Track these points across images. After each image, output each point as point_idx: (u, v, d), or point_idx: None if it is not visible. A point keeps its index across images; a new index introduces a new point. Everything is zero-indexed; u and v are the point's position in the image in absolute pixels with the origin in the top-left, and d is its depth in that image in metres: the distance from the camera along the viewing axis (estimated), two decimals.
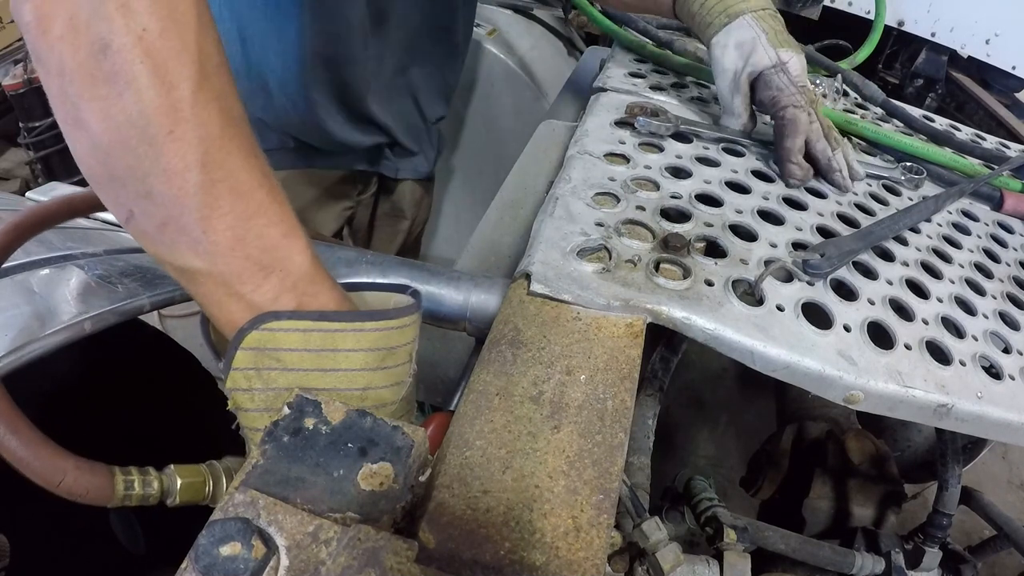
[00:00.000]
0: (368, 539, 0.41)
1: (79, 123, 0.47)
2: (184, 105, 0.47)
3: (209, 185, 0.48)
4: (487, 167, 2.19)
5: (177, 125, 0.47)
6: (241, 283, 0.51)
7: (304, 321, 0.51)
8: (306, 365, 0.52)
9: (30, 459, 0.49)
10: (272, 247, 0.52)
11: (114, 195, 0.50)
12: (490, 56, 2.00)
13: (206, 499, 0.56)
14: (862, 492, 1.00)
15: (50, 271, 0.70)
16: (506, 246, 0.91)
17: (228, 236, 0.49)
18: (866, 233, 0.85)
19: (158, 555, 1.03)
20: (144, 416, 0.97)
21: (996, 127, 1.62)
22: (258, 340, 0.50)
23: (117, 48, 0.45)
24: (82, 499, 0.51)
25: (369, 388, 0.54)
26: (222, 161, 0.49)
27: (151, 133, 0.46)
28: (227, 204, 0.49)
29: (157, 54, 0.46)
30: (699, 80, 1.25)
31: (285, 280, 0.52)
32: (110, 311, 0.66)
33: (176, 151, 0.47)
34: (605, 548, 0.48)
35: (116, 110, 0.46)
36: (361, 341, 0.53)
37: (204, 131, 0.48)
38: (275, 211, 0.52)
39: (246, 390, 0.52)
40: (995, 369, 0.75)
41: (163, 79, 0.46)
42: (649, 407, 0.82)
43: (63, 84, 0.46)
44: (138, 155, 0.46)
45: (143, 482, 0.53)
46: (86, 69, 0.45)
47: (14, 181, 3.05)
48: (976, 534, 1.57)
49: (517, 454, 0.53)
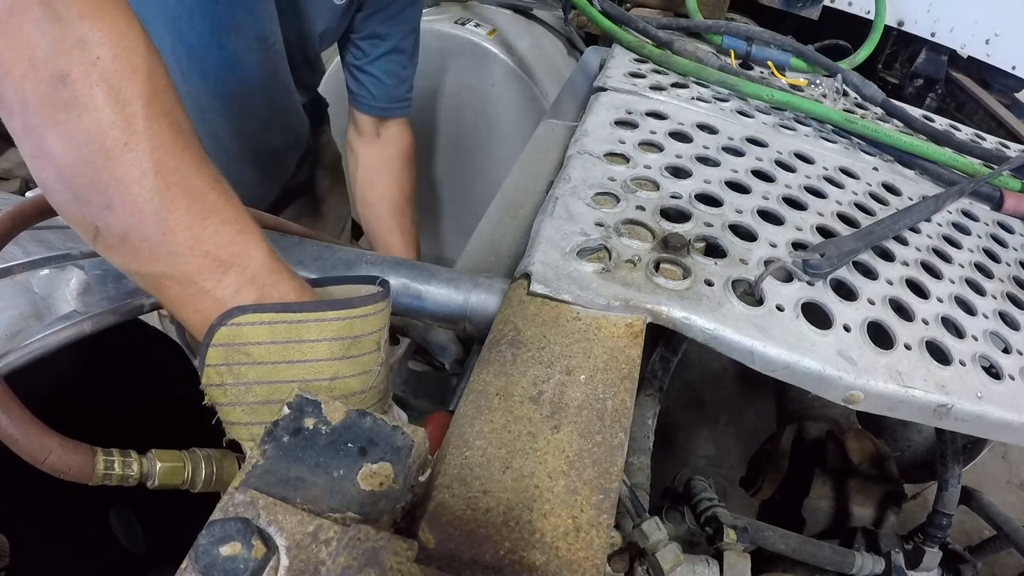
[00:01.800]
0: (368, 539, 0.41)
1: (43, 152, 0.50)
2: (137, 119, 0.50)
3: (164, 189, 0.51)
4: (487, 167, 2.19)
5: (131, 136, 0.50)
6: (203, 279, 0.53)
7: (268, 313, 0.53)
8: (274, 358, 0.54)
9: (17, 436, 0.51)
10: (228, 243, 0.54)
11: (80, 215, 0.53)
12: (490, 56, 2.00)
13: (185, 483, 0.58)
14: (862, 492, 1.00)
15: (50, 271, 0.70)
16: (506, 246, 0.91)
17: (186, 236, 0.52)
18: (866, 233, 0.85)
19: (158, 555, 1.03)
20: (143, 416, 0.97)
21: (996, 127, 1.62)
22: (227, 336, 0.53)
23: (74, 77, 0.49)
24: (65, 476, 0.53)
25: (336, 378, 0.56)
26: (175, 167, 0.52)
27: (108, 147, 0.50)
28: (183, 206, 0.52)
29: (111, 77, 0.50)
30: (699, 80, 1.25)
31: (243, 273, 0.54)
32: (110, 311, 0.66)
33: (132, 160, 0.50)
34: (605, 548, 0.48)
35: (76, 131, 0.49)
36: (324, 331, 0.55)
37: (156, 140, 0.51)
38: (228, 211, 0.55)
39: (219, 385, 0.54)
40: (995, 369, 0.75)
41: (116, 98, 0.50)
42: (649, 407, 0.82)
43: (27, 119, 0.50)
44: (97, 169, 0.50)
45: (123, 463, 0.55)
46: (47, 100, 0.49)
47: (14, 181, 3.05)
48: (976, 534, 1.57)
49: (517, 454, 0.53)
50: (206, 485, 0.58)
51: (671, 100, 1.15)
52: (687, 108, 1.13)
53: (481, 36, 2.00)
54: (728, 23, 1.47)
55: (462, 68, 2.07)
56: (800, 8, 1.84)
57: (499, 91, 2.05)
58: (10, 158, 3.19)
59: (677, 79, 1.25)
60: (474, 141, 2.18)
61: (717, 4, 1.81)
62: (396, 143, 1.47)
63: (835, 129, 1.17)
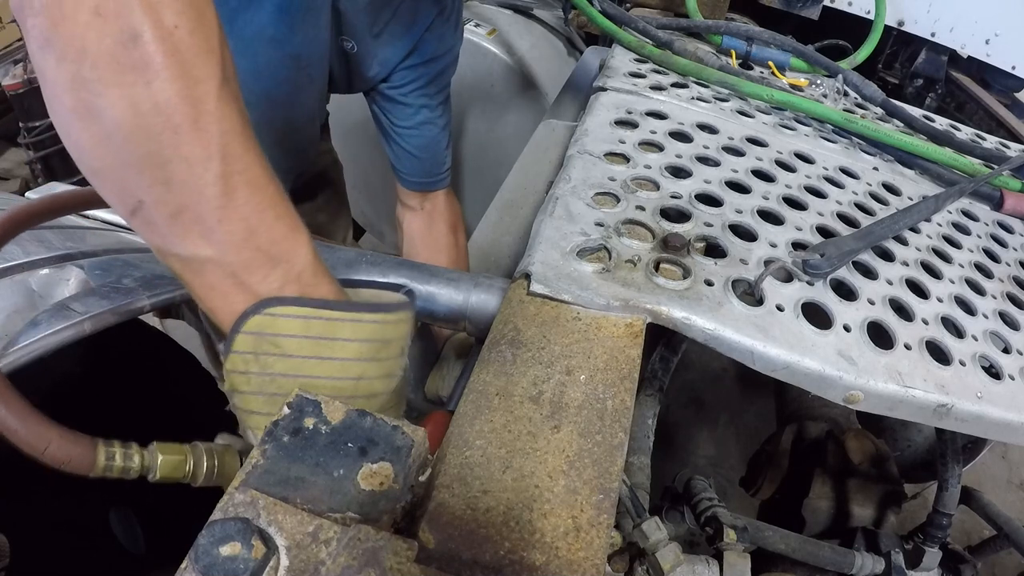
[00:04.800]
0: (368, 539, 0.41)
1: (91, 111, 0.47)
2: (209, 99, 0.48)
3: (228, 176, 0.50)
4: (487, 167, 2.19)
5: (202, 116, 0.48)
6: (249, 273, 0.52)
7: (307, 308, 0.53)
8: (304, 352, 0.53)
9: (17, 427, 0.51)
10: (280, 239, 0.53)
11: (121, 184, 0.50)
12: (490, 56, 2.00)
13: (186, 477, 0.57)
14: (862, 492, 1.00)
15: (50, 271, 0.71)
16: (506, 246, 0.91)
17: (242, 227, 0.51)
18: (866, 233, 0.84)
19: (158, 555, 1.03)
20: (143, 416, 0.97)
21: (996, 127, 1.62)
22: (259, 325, 0.52)
23: (148, 39, 0.46)
24: (65, 467, 0.52)
25: (362, 378, 0.56)
26: (241, 155, 0.50)
27: (176, 121, 0.47)
28: (243, 196, 0.51)
29: (187, 50, 0.47)
30: (699, 80, 1.25)
31: (290, 272, 0.54)
32: (110, 311, 0.66)
33: (199, 140, 0.48)
34: (605, 548, 0.48)
35: (142, 97, 0.46)
36: (358, 331, 0.55)
37: (226, 125, 0.49)
38: (283, 206, 0.54)
39: (243, 372, 0.54)
40: (995, 369, 0.75)
41: (190, 73, 0.47)
42: (649, 407, 0.82)
43: (79, 70, 0.46)
44: (161, 142, 0.47)
45: (124, 455, 0.54)
46: (113, 56, 0.45)
47: (14, 181, 3.05)
48: (976, 534, 1.57)
49: (517, 454, 0.53)
50: (207, 479, 0.58)
51: (671, 100, 1.15)
52: (687, 108, 1.13)
53: (481, 36, 2.00)
54: (728, 23, 1.47)
55: (462, 68, 2.08)
56: (800, 8, 1.84)
57: (499, 91, 2.05)
58: (10, 158, 3.19)
59: (677, 79, 1.25)
60: (474, 141, 2.18)
61: (717, 4, 1.81)
62: (442, 215, 1.47)
63: (835, 129, 1.17)
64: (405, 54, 1.22)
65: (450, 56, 1.29)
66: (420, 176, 1.39)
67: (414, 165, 1.37)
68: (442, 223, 1.47)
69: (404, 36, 1.19)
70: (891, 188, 1.05)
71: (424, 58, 1.24)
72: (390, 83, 1.27)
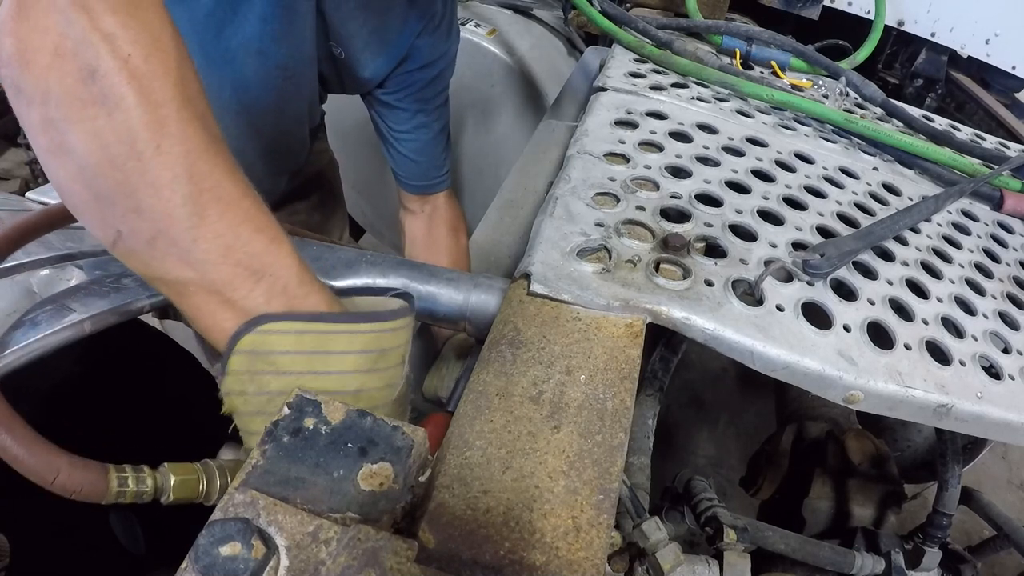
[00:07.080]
0: (368, 539, 0.41)
1: (63, 148, 0.48)
2: (170, 122, 0.49)
3: (197, 195, 0.49)
4: (487, 167, 2.19)
5: (164, 139, 0.48)
6: (232, 290, 0.52)
7: (298, 322, 0.52)
8: (299, 368, 0.52)
9: (24, 456, 0.50)
10: (260, 253, 0.52)
11: (100, 217, 0.51)
12: (490, 56, 2.00)
13: (200, 497, 0.56)
14: (862, 492, 1.00)
15: (50, 271, 0.70)
16: (506, 246, 0.91)
17: (218, 244, 0.51)
18: (866, 233, 0.85)
19: (158, 555, 1.03)
20: (144, 416, 0.97)
21: (996, 127, 1.62)
22: (252, 343, 0.51)
23: (104, 72, 0.47)
24: (76, 496, 0.51)
25: (362, 390, 0.55)
26: (208, 172, 0.50)
27: (139, 148, 0.48)
28: (215, 213, 0.50)
29: (143, 76, 0.48)
30: (699, 80, 1.25)
31: (275, 284, 0.53)
32: (110, 311, 0.66)
33: (164, 163, 0.48)
34: (605, 548, 0.48)
35: (105, 130, 0.47)
36: (354, 343, 0.54)
37: (190, 144, 0.49)
38: (261, 219, 0.53)
39: (240, 393, 0.53)
40: (995, 369, 0.75)
41: (149, 98, 0.48)
42: (649, 407, 0.82)
43: (47, 112, 0.47)
44: (126, 171, 0.48)
45: (137, 479, 0.53)
46: (73, 94, 0.46)
47: (14, 181, 3.05)
48: (976, 534, 1.57)
49: (517, 454, 0.53)
50: (221, 497, 0.57)
51: (671, 100, 1.15)
52: (687, 108, 1.13)
53: (481, 36, 2.00)
54: (728, 23, 1.47)
55: (461, 68, 2.08)
56: (800, 8, 1.84)
57: (499, 91, 2.05)
58: (10, 158, 3.19)
59: (677, 79, 1.25)
60: (474, 141, 2.18)
61: (717, 4, 1.81)
62: (442, 217, 1.46)
63: (835, 129, 1.17)
64: (397, 61, 1.21)
65: (445, 60, 1.29)
66: (419, 179, 1.39)
67: (412, 169, 1.37)
68: (442, 225, 1.47)
69: (394, 44, 1.19)
70: (891, 188, 1.05)
71: (418, 64, 1.24)
72: (385, 89, 1.27)
